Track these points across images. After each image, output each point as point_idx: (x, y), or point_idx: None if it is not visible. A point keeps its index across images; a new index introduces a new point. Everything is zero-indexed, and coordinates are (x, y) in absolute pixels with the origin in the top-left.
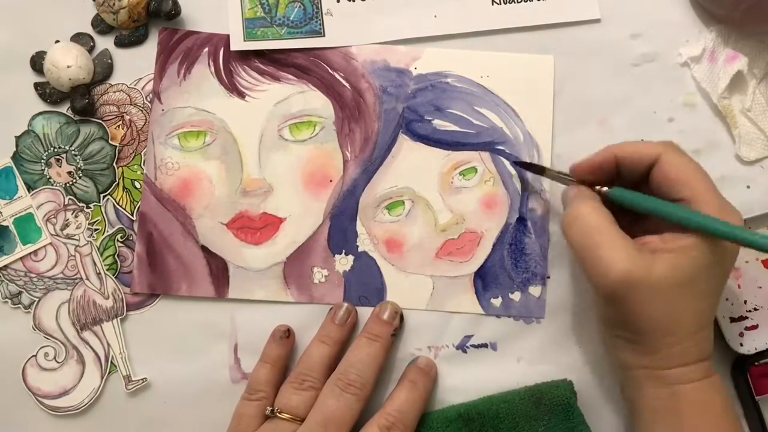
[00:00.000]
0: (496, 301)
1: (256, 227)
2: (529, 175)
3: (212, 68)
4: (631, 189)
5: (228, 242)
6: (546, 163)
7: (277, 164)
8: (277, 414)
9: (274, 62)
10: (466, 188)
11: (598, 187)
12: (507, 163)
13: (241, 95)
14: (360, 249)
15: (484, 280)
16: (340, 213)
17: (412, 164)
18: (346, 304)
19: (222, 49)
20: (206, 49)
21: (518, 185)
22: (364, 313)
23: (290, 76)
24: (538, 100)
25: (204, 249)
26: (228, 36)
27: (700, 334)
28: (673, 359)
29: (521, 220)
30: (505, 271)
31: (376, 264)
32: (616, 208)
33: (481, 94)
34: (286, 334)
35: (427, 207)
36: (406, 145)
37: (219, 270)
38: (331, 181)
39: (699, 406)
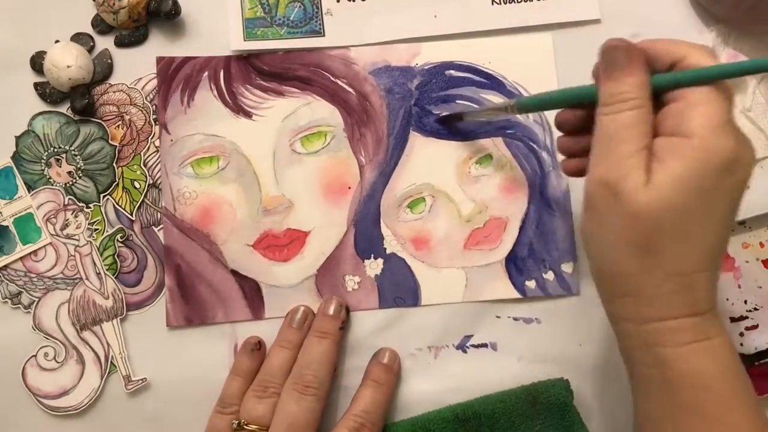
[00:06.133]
0: (531, 283)
1: (282, 244)
2: (545, 154)
3: (215, 92)
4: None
5: (257, 263)
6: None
7: (293, 179)
8: (244, 426)
9: (276, 77)
10: (485, 176)
11: None
12: (521, 145)
13: (248, 115)
14: (388, 251)
15: (516, 264)
16: (363, 218)
17: (427, 160)
18: (302, 307)
19: (222, 71)
20: (205, 74)
21: (536, 166)
22: (400, 314)
23: (294, 89)
24: (542, 79)
25: (234, 273)
26: (226, 57)
27: (691, 276)
28: (651, 307)
29: (544, 199)
30: (535, 253)
31: (406, 263)
32: None
33: (486, 80)
34: (257, 346)
35: (449, 200)
36: (418, 142)
37: (252, 292)
38: (349, 188)
39: (689, 380)
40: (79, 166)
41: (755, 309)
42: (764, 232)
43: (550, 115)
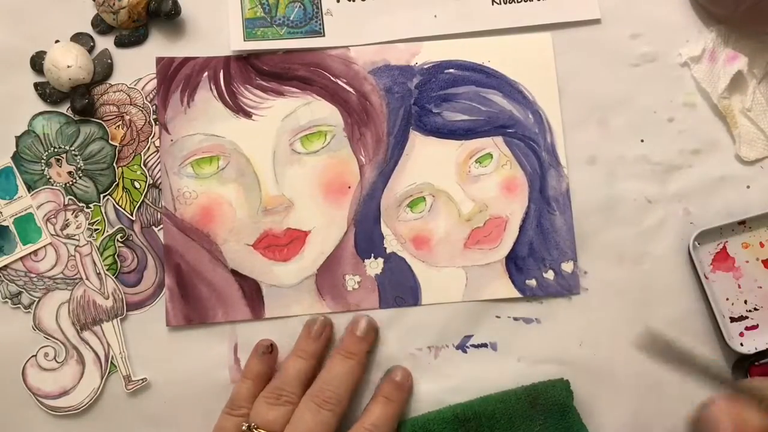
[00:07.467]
0: (531, 282)
1: (282, 244)
2: (544, 154)
3: (215, 92)
4: None
5: (257, 263)
6: (559, 139)
7: (293, 179)
8: (254, 430)
9: (276, 77)
10: (485, 175)
11: None
12: (522, 144)
13: (248, 115)
14: (388, 251)
15: (516, 264)
16: (363, 218)
17: (427, 159)
18: (321, 318)
19: (221, 71)
20: (205, 74)
21: (536, 165)
22: (401, 313)
23: (294, 89)
24: (542, 78)
25: (234, 273)
26: (226, 57)
27: None
28: None
29: (544, 198)
30: (535, 252)
31: (407, 263)
32: None
33: (486, 79)
34: (269, 350)
35: (449, 199)
36: (418, 141)
37: (252, 291)
38: (349, 187)
39: None
40: (79, 166)
41: (755, 309)
42: (764, 232)
43: (550, 114)
